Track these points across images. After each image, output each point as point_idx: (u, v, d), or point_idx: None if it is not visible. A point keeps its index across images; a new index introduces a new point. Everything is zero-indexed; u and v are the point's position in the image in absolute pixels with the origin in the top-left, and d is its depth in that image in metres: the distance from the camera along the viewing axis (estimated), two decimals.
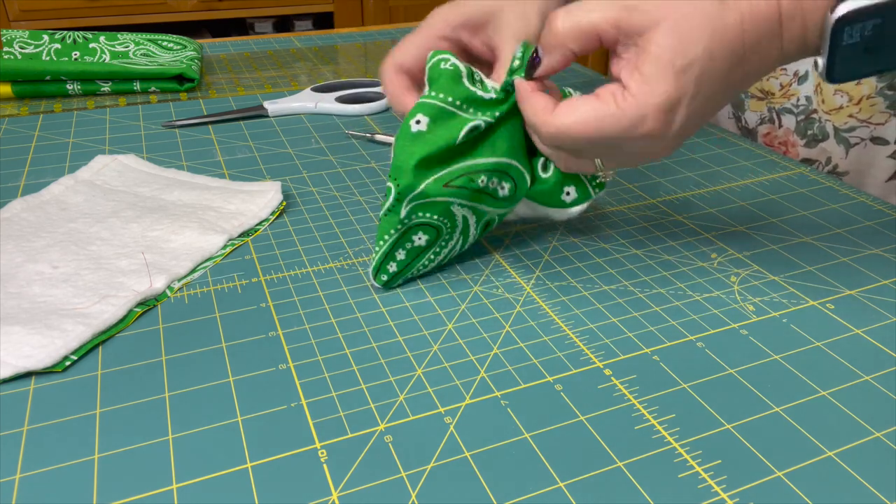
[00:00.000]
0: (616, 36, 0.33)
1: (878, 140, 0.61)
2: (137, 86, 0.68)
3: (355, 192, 0.50)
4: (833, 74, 0.33)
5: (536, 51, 0.35)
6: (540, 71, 0.36)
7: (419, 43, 0.42)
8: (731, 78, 0.33)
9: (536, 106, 0.36)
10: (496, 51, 0.41)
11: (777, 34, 0.33)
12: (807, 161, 0.64)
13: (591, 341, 0.35)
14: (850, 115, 0.61)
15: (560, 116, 0.34)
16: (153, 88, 0.69)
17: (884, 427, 0.30)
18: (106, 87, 0.68)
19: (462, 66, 0.37)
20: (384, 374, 0.33)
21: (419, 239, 0.38)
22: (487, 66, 0.42)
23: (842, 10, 0.31)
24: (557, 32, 0.34)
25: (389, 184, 0.36)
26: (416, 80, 0.42)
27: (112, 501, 0.27)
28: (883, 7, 0.32)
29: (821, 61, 0.33)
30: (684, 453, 0.29)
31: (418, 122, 0.36)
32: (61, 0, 1.91)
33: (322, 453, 0.29)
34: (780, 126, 0.66)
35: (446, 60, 0.36)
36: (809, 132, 0.64)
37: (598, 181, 0.40)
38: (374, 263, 0.38)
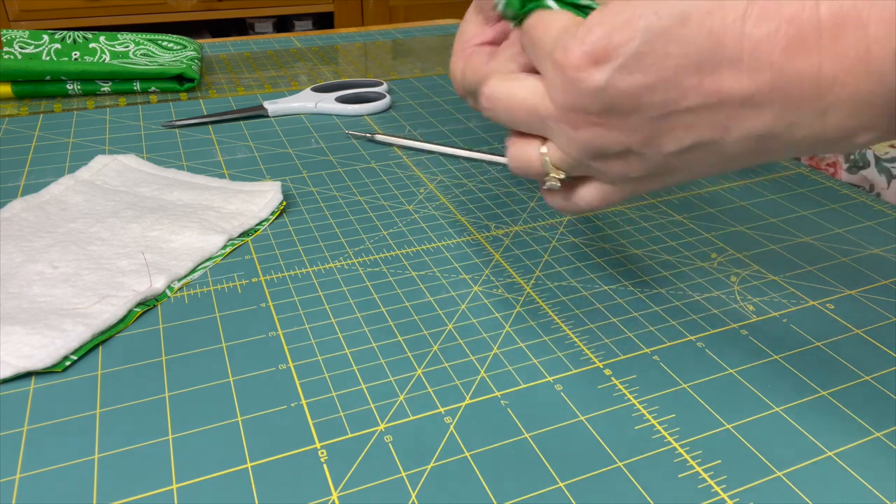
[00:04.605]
0: None
1: None
2: (137, 86, 0.68)
3: (355, 192, 0.50)
4: None
5: None
6: None
7: None
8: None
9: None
10: None
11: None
12: (851, 186, 0.57)
13: (591, 341, 0.35)
14: (892, 145, 0.55)
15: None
16: (153, 88, 0.69)
17: (884, 427, 0.30)
18: (106, 87, 0.68)
19: None
20: (384, 374, 0.33)
21: None
22: None
23: None
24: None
25: None
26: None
27: (112, 501, 0.27)
28: None
29: None
30: (684, 453, 0.29)
31: None
32: (61, 0, 1.91)
33: (322, 453, 0.29)
34: None
35: None
36: (851, 157, 0.58)
37: None
38: None
